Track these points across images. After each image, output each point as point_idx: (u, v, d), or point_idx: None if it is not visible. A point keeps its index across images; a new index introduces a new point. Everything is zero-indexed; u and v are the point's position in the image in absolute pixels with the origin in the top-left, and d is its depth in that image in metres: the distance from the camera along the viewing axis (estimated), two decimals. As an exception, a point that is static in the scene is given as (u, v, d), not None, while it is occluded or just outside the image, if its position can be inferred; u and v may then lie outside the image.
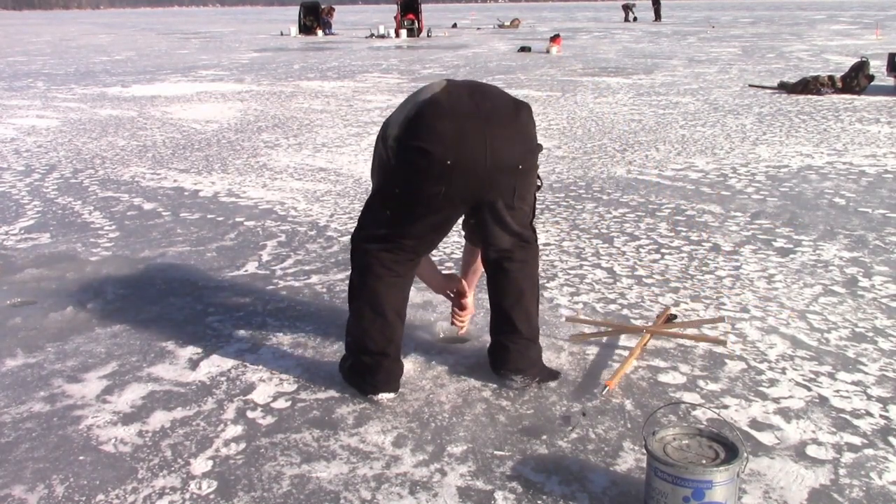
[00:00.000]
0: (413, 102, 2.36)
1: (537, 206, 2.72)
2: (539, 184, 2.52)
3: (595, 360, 2.77)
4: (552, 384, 2.57)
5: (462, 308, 2.90)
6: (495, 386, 2.58)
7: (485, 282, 2.70)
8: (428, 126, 2.27)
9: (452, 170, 2.25)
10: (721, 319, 2.92)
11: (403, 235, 2.43)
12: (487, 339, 2.68)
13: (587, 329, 3.01)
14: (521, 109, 2.38)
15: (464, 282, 2.86)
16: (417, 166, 2.30)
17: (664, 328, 2.90)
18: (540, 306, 3.17)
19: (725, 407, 2.45)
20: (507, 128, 2.32)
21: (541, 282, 3.50)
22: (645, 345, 2.77)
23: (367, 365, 2.51)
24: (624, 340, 2.91)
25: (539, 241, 4.07)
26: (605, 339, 2.93)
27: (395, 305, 2.50)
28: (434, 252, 3.94)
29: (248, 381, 2.67)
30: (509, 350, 2.55)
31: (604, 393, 2.44)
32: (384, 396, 2.50)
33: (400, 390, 2.55)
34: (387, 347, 2.49)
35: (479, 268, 2.72)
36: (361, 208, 2.59)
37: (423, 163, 2.27)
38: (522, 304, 2.53)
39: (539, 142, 2.46)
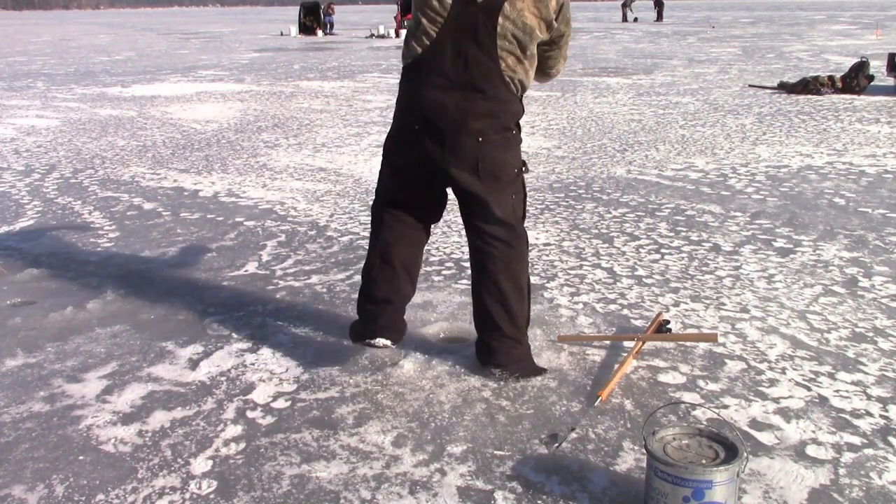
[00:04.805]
0: (406, 57, 2.44)
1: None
2: (525, 168, 2.54)
3: (595, 360, 2.77)
4: (552, 384, 2.57)
5: None
6: (495, 386, 2.58)
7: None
8: (406, 92, 2.44)
9: (419, 135, 2.39)
10: (714, 337, 2.89)
11: (403, 200, 2.56)
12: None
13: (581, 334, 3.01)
14: (500, 81, 2.37)
15: None
16: (394, 132, 2.50)
17: (655, 338, 2.87)
18: (539, 306, 3.19)
19: (725, 407, 2.45)
20: (477, 98, 2.35)
21: (541, 282, 3.52)
22: (637, 353, 2.75)
23: (371, 312, 2.57)
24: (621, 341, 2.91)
25: (539, 241, 4.13)
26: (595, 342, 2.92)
27: (403, 257, 2.56)
28: (434, 252, 3.95)
29: (248, 381, 2.67)
30: (492, 347, 2.59)
31: (596, 404, 2.44)
32: (382, 342, 2.54)
33: (400, 390, 2.55)
34: (391, 295, 2.55)
35: None
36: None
37: (397, 127, 2.48)
38: (504, 303, 2.53)
39: (518, 121, 2.48)
